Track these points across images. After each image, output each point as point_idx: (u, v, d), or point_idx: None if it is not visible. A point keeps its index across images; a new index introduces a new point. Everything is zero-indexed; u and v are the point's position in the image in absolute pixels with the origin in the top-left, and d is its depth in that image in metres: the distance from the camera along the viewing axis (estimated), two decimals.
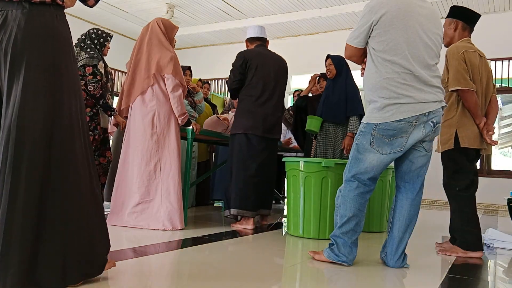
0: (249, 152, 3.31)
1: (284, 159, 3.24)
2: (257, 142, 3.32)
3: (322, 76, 4.24)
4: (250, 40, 3.62)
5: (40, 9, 1.50)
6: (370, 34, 2.11)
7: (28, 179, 1.40)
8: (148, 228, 2.95)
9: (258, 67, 3.38)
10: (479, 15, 2.81)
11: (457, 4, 6.42)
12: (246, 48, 3.64)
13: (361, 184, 2.13)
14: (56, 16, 1.54)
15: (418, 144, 2.12)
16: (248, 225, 3.29)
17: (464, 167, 2.62)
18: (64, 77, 1.53)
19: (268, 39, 3.69)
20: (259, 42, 3.58)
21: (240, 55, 3.45)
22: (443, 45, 2.35)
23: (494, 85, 2.81)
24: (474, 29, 2.81)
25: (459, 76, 2.56)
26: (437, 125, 2.11)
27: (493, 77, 2.92)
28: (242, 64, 3.39)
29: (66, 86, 1.53)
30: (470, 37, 2.78)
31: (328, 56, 3.86)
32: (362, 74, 2.25)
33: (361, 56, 2.23)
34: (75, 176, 1.52)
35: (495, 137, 2.77)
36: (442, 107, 2.11)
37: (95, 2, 1.72)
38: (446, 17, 2.85)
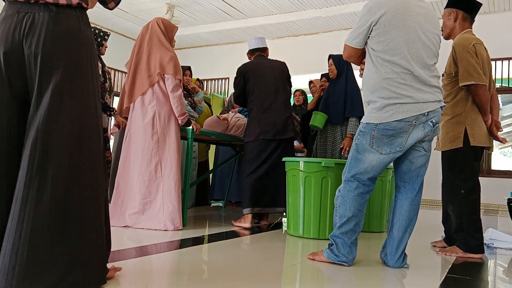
0: (261, 157, 3.45)
1: (284, 159, 3.24)
2: (269, 145, 3.47)
3: (325, 76, 4.24)
4: (250, 53, 3.83)
5: (67, 12, 1.51)
6: (369, 34, 2.11)
7: (55, 181, 1.41)
8: (149, 228, 2.95)
9: (256, 77, 3.57)
10: (480, 4, 2.68)
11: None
12: (248, 59, 3.85)
13: (361, 184, 2.13)
14: (81, 18, 1.56)
15: (417, 144, 2.12)
16: (246, 223, 3.32)
17: (471, 167, 2.54)
18: (90, 79, 1.55)
19: (268, 39, 3.75)
20: (258, 52, 3.77)
21: (238, 71, 3.68)
22: (442, 37, 2.32)
23: (494, 81, 2.71)
24: (474, 29, 2.74)
25: (472, 70, 2.45)
26: (436, 125, 2.11)
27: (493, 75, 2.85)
28: (240, 79, 3.63)
29: (92, 88, 1.55)
30: (471, 28, 2.66)
31: (330, 56, 3.86)
32: (361, 75, 2.25)
33: (359, 56, 2.23)
34: (100, 178, 1.54)
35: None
36: (441, 107, 2.11)
37: (116, 4, 1.74)
38: (445, 8, 2.72)
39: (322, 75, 4.31)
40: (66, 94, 1.46)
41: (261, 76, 3.57)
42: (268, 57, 3.82)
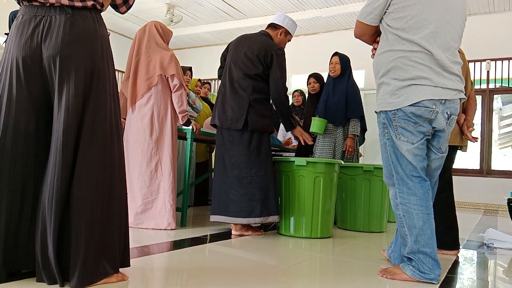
0: (217, 150, 3.10)
1: (276, 158, 3.20)
2: (220, 135, 3.04)
3: (313, 76, 4.18)
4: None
5: (83, 13, 1.54)
6: (386, 9, 1.88)
7: (77, 184, 1.47)
8: (153, 228, 2.94)
9: (230, 55, 3.13)
10: None
11: None
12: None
13: (416, 182, 1.85)
14: (96, 19, 1.59)
15: (434, 145, 1.93)
16: (232, 229, 3.06)
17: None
18: (107, 80, 1.58)
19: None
20: (267, 27, 3.23)
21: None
22: None
23: (472, 82, 2.73)
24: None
25: None
26: (451, 116, 1.88)
27: (471, 76, 2.86)
28: (224, 51, 3.27)
29: (109, 89, 1.59)
30: None
31: (336, 54, 3.79)
32: (373, 56, 2.01)
33: (372, 35, 1.98)
34: (118, 178, 1.59)
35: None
36: (460, 99, 1.88)
37: (127, 9, 1.78)
38: None
39: (310, 76, 4.18)
40: (87, 94, 1.51)
41: (233, 55, 3.08)
42: (262, 34, 3.16)
